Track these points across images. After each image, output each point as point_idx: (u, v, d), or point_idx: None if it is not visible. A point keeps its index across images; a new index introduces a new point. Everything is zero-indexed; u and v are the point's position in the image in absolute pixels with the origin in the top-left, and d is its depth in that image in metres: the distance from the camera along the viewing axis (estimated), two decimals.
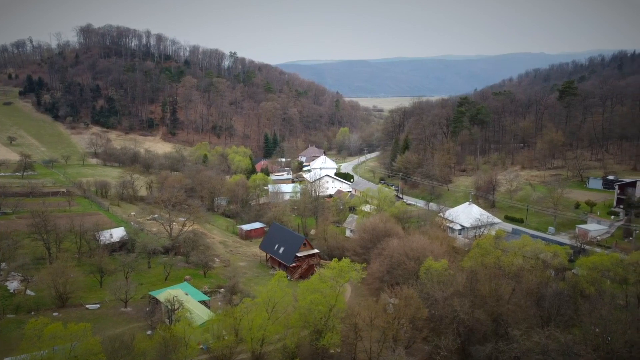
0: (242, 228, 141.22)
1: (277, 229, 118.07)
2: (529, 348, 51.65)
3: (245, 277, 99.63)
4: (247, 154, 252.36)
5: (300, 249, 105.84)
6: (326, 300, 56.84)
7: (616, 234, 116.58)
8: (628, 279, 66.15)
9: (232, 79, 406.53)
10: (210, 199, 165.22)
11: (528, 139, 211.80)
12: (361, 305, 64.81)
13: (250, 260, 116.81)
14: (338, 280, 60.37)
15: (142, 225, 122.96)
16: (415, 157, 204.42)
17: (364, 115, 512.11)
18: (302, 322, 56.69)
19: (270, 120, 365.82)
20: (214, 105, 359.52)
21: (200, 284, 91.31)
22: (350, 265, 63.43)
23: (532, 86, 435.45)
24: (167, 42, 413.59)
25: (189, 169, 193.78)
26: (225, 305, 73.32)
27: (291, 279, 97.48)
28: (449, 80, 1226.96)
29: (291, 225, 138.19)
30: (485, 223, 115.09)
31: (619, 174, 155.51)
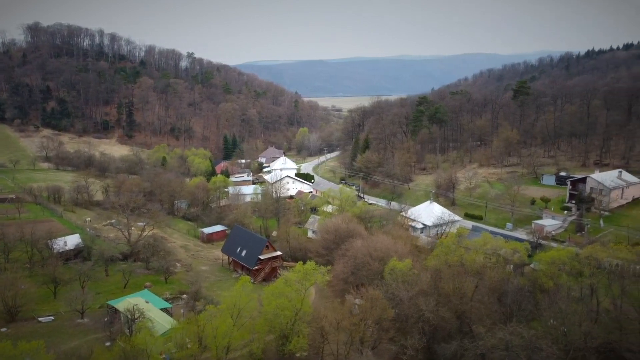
0: (204, 231, 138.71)
1: (238, 231, 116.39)
2: (494, 344, 52.49)
3: (208, 282, 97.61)
4: (207, 156, 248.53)
5: (262, 251, 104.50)
6: (292, 304, 56.16)
7: (569, 228, 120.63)
8: (583, 272, 68.31)
9: (190, 80, 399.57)
10: (170, 203, 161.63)
11: (485, 137, 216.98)
12: (327, 307, 64.43)
13: (212, 264, 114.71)
14: (303, 284, 59.75)
15: (99, 231, 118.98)
16: (375, 156, 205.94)
17: (323, 115, 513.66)
18: (268, 327, 55.85)
19: (229, 122, 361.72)
20: (172, 107, 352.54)
21: (162, 290, 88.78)
22: (315, 269, 62.94)
23: (486, 85, 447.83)
24: (121, 42, 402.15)
25: (147, 172, 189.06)
26: (188, 312, 71.48)
27: (254, 282, 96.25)
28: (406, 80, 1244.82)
29: (253, 228, 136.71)
30: (446, 221, 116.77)
31: (570, 171, 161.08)
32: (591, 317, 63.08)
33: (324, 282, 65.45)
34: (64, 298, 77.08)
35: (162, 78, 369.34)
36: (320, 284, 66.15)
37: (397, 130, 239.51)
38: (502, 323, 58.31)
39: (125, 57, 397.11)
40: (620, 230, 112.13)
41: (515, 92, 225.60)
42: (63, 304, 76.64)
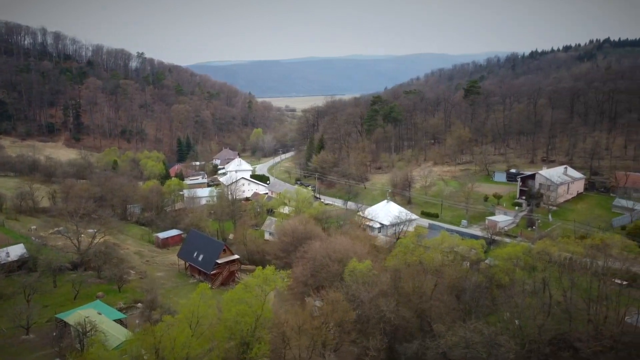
0: (159, 236, 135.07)
1: (195, 235, 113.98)
2: (455, 342, 53.21)
3: (164, 289, 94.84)
4: (160, 159, 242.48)
5: (220, 255, 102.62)
6: (252, 310, 55.01)
7: (520, 223, 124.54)
8: (536, 267, 70.41)
9: (140, 81, 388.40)
10: (123, 208, 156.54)
11: (438, 135, 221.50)
12: (288, 311, 63.67)
13: (168, 270, 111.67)
14: (264, 289, 58.74)
15: (45, 240, 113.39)
16: (330, 156, 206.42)
17: (277, 116, 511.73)
18: (228, 334, 54.47)
19: (182, 123, 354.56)
20: (122, 109, 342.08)
21: (115, 300, 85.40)
22: (275, 273, 62.04)
23: (438, 85, 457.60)
24: (66, 41, 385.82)
25: (97, 176, 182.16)
26: (144, 323, 68.94)
27: (213, 287, 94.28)
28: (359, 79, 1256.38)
29: (209, 231, 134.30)
30: (403, 220, 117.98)
31: (519, 167, 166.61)
32: (544, 310, 65.03)
33: (284, 286, 64.59)
34: (6, 313, 72.20)
35: (111, 79, 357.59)
36: (281, 288, 65.27)
37: (351, 129, 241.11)
38: (462, 320, 59.26)
39: (71, 57, 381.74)
40: (567, 224, 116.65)
41: (466, 91, 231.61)
42: (5, 320, 71.86)
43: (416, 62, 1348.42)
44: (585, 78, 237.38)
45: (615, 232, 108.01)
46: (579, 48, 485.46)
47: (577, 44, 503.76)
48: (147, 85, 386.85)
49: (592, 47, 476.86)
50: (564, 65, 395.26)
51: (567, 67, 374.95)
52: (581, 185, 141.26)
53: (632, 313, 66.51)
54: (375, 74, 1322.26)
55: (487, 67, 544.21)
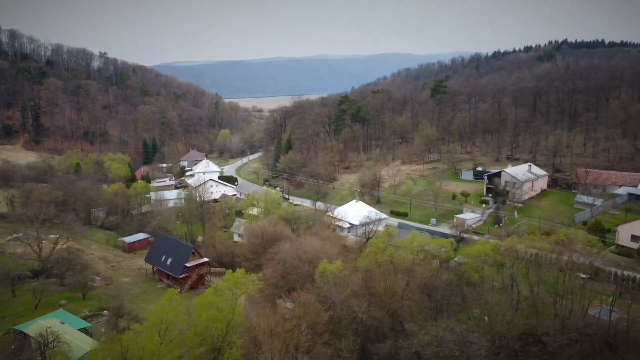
0: (125, 240, 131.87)
1: (163, 239, 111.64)
2: (427, 341, 53.50)
3: (131, 294, 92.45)
4: (126, 161, 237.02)
5: (188, 258, 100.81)
6: (223, 315, 53.98)
7: (488, 221, 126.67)
8: (505, 264, 71.68)
9: (103, 81, 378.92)
10: (86, 212, 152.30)
11: (406, 134, 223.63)
12: (259, 314, 62.88)
13: (135, 275, 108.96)
14: (234, 293, 57.79)
15: (3, 247, 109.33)
16: (299, 156, 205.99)
17: (244, 116, 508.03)
18: (198, 340, 53.29)
19: (148, 125, 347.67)
20: (84, 110, 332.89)
21: (79, 308, 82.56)
22: (245, 276, 61.16)
23: (404, 84, 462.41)
24: (23, 40, 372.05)
25: (59, 180, 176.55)
26: (111, 331, 66.85)
27: (182, 291, 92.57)
28: (326, 79, 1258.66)
29: (177, 234, 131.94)
30: (373, 219, 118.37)
31: (485, 165, 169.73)
32: (513, 306, 66.23)
33: (255, 290, 63.72)
34: None
35: (72, 79, 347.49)
36: (252, 292, 64.36)
37: (319, 129, 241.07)
38: (433, 319, 59.75)
39: (29, 57, 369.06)
40: (532, 221, 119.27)
41: (433, 90, 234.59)
42: None
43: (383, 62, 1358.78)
44: (546, 78, 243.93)
45: (578, 227, 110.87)
46: (539, 49, 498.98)
47: (537, 45, 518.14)
48: (110, 86, 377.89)
49: (551, 48, 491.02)
50: (525, 65, 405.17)
51: (528, 67, 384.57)
52: (544, 183, 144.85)
53: (595, 306, 68.52)
54: (342, 73, 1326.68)
55: (452, 66, 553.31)
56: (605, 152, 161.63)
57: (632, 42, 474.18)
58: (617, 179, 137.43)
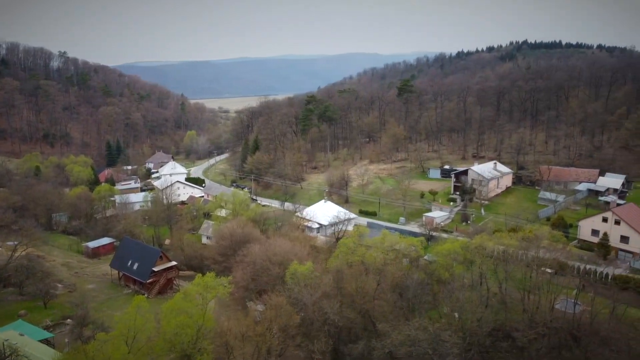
0: (88, 246, 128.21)
1: (129, 243, 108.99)
2: (401, 341, 53.58)
3: (96, 302, 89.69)
4: (89, 164, 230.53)
5: (156, 262, 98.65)
6: (193, 320, 52.76)
7: (456, 218, 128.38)
8: (474, 261, 72.68)
9: (64, 82, 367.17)
10: (47, 217, 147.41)
11: (373, 134, 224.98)
12: (230, 318, 61.84)
13: (100, 281, 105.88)
14: (205, 297, 56.60)
15: None
16: (266, 157, 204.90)
17: (211, 117, 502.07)
18: (168, 347, 51.85)
19: (111, 126, 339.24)
20: (44, 111, 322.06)
21: (40, 318, 79.31)
22: (216, 280, 60.00)
23: (370, 83, 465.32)
24: None
25: (17, 184, 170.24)
26: (74, 341, 64.40)
27: (149, 296, 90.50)
28: (293, 79, 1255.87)
29: (144, 237, 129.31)
30: (342, 219, 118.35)
31: (452, 164, 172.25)
32: (483, 302, 67.20)
33: (226, 294, 62.55)
34: None
35: (30, 79, 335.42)
36: (222, 296, 63.15)
37: (287, 129, 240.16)
38: (405, 318, 59.98)
39: None
40: (498, 217, 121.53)
41: (399, 90, 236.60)
42: None
43: (348, 61, 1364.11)
44: (508, 77, 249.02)
45: (542, 223, 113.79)
46: (500, 49, 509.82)
47: (499, 45, 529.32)
48: (71, 87, 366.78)
49: (512, 48, 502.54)
50: (488, 65, 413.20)
51: (491, 67, 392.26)
52: (509, 180, 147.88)
53: (561, 300, 70.25)
54: (308, 73, 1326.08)
55: (417, 66, 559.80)
56: (566, 150, 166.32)
57: (586, 44, 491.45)
58: (577, 176, 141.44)
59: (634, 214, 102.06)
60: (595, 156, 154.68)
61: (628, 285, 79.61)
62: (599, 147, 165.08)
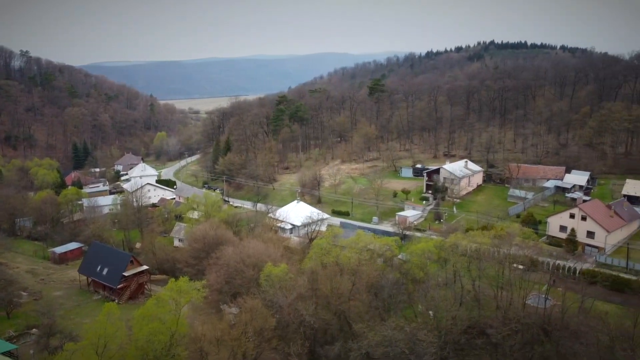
0: (55, 251, 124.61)
1: (98, 247, 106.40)
2: (378, 342, 53.48)
3: (64, 309, 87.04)
4: (54, 167, 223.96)
5: (127, 267, 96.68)
6: (166, 327, 51.49)
7: (429, 217, 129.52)
8: (448, 259, 73.33)
9: (26, 82, 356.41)
10: (10, 222, 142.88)
11: (345, 133, 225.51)
12: (205, 323, 60.60)
13: (68, 288, 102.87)
14: (178, 303, 55.34)
15: None
16: (238, 158, 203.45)
17: (181, 118, 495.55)
18: (140, 355, 50.43)
19: (78, 128, 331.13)
20: (5, 112, 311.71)
21: (3, 328, 76.14)
22: (189, 284, 58.79)
23: (341, 83, 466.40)
24: None
25: None
26: (41, 352, 62.10)
27: (120, 302, 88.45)
28: (263, 79, 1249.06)
29: (113, 241, 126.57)
30: (315, 220, 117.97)
31: (424, 163, 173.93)
32: (457, 300, 67.83)
33: (200, 298, 61.33)
34: None
35: None
36: (197, 300, 61.91)
37: (258, 130, 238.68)
38: (381, 318, 59.99)
39: None
40: (470, 215, 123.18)
41: (370, 89, 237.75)
42: None
43: (319, 61, 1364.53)
44: (477, 77, 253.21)
45: (512, 220, 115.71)
46: (468, 49, 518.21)
47: (467, 45, 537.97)
48: (34, 87, 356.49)
49: (480, 48, 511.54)
50: (457, 65, 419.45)
51: (460, 67, 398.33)
52: (480, 178, 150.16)
53: (532, 295, 71.49)
54: (279, 73, 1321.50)
55: (388, 66, 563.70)
56: (534, 148, 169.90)
57: (550, 44, 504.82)
58: (545, 173, 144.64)
59: (598, 210, 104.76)
60: (562, 154, 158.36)
61: (595, 280, 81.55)
62: (564, 144, 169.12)
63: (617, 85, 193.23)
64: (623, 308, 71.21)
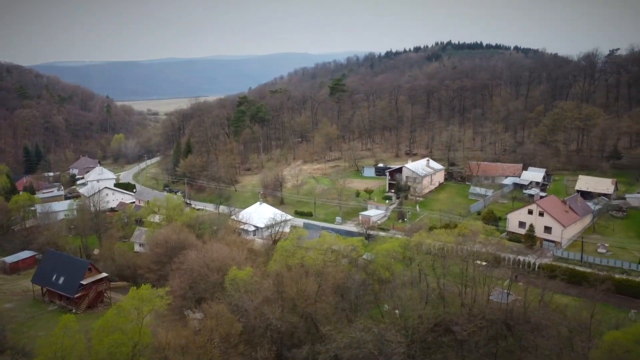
0: (5, 261, 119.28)
1: (53, 255, 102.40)
2: (346, 344, 53.17)
3: (15, 322, 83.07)
4: (4, 171, 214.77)
5: (85, 275, 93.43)
6: (128, 337, 49.71)
7: (392, 216, 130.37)
8: (413, 259, 73.83)
9: None
10: None
11: (306, 133, 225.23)
12: (169, 331, 58.90)
13: (20, 299, 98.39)
14: (140, 312, 53.51)
15: None
16: (199, 160, 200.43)
17: (139, 120, 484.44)
18: None
19: (30, 131, 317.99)
20: None
21: None
22: (152, 292, 56.97)
23: (301, 83, 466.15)
24: None
25: None
26: None
27: (78, 312, 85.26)
28: (222, 80, 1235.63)
29: (70, 249, 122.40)
30: (278, 221, 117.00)
31: (386, 162, 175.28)
32: (423, 299, 68.40)
33: (163, 306, 59.53)
34: None
35: None
36: (160, 308, 60.08)
37: (219, 131, 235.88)
38: (348, 319, 59.79)
39: None
40: (433, 214, 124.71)
41: (331, 89, 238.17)
42: None
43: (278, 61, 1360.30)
44: (437, 77, 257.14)
45: (473, 217, 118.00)
46: (427, 49, 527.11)
47: (425, 46, 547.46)
48: None
49: (438, 48, 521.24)
50: (416, 65, 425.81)
51: (419, 67, 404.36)
52: (442, 176, 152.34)
53: (495, 291, 72.86)
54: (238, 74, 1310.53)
55: (348, 65, 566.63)
56: (492, 146, 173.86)
57: (504, 45, 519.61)
58: (503, 170, 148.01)
59: (555, 206, 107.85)
60: (518, 151, 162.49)
61: (555, 274, 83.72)
62: (521, 142, 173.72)
63: (568, 84, 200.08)
64: (581, 300, 73.49)
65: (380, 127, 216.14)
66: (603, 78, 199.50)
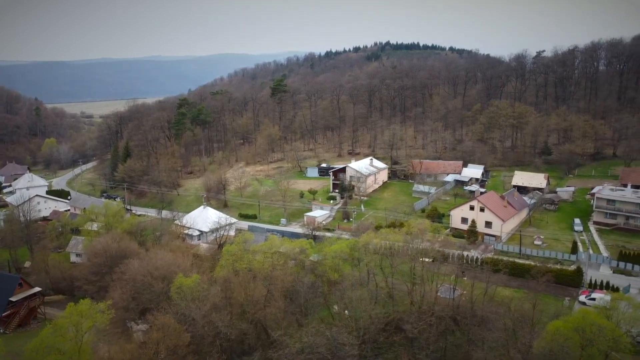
0: None
1: None
2: (299, 349, 52.27)
3: None
4: None
5: (14, 291, 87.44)
6: (66, 358, 46.57)
7: (337, 216, 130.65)
8: (361, 259, 73.88)
9: None
10: None
11: (248, 135, 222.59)
12: (111, 347, 55.84)
13: None
14: (79, 329, 50.27)
15: None
16: (139, 164, 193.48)
17: (72, 123, 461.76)
18: None
19: None
20: None
21: None
22: (92, 307, 53.71)
23: (242, 84, 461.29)
24: None
25: None
26: None
27: (7, 332, 79.65)
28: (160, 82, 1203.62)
29: None
30: (223, 225, 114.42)
31: (329, 162, 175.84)
32: (372, 298, 68.54)
33: (105, 321, 56.28)
34: None
35: None
36: (101, 324, 56.76)
37: (159, 134, 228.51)
38: (298, 323, 58.91)
39: None
40: (378, 212, 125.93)
41: (273, 90, 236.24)
42: None
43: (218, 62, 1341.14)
44: (377, 76, 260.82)
45: (418, 215, 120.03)
46: (366, 49, 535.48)
47: (365, 46, 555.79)
48: None
49: (377, 48, 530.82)
50: (356, 65, 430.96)
51: (359, 66, 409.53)
52: (385, 175, 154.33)
53: (442, 287, 74.13)
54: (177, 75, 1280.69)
55: (288, 65, 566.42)
56: (433, 144, 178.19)
57: (440, 46, 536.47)
58: (445, 168, 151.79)
59: (494, 201, 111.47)
60: (458, 149, 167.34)
61: (498, 267, 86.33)
62: (460, 140, 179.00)
63: (502, 84, 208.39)
64: (524, 292, 76.06)
65: (323, 127, 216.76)
66: (533, 78, 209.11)
